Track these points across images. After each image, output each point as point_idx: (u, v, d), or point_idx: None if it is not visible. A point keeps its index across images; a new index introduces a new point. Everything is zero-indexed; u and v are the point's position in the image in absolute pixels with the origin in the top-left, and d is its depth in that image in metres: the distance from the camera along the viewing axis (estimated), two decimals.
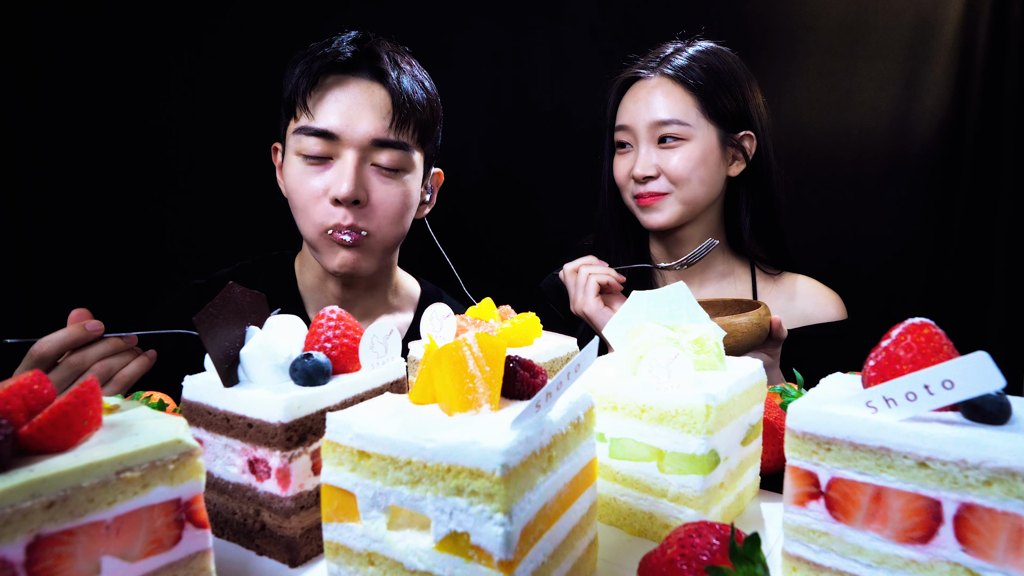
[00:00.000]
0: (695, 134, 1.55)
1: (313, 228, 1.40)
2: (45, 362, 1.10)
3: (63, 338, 1.10)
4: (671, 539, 0.61)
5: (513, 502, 0.56)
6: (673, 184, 1.56)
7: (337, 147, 1.36)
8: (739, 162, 1.62)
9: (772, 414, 0.98)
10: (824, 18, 2.00)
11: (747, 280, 1.71)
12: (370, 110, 1.36)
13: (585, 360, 0.62)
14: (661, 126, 1.55)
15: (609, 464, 0.85)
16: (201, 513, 0.65)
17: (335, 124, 1.34)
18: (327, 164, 1.37)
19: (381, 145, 1.37)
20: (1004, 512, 0.56)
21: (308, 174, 1.37)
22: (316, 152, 1.36)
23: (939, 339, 0.63)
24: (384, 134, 1.37)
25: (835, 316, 1.66)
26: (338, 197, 1.34)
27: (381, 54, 1.39)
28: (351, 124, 1.35)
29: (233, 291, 0.82)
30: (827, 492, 0.65)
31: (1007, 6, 1.85)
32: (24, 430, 0.56)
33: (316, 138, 1.35)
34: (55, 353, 1.10)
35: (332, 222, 1.37)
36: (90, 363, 1.13)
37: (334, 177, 1.36)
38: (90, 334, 1.12)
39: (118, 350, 1.15)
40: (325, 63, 1.35)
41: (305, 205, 1.39)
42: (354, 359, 0.85)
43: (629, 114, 1.61)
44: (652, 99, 1.57)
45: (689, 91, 1.55)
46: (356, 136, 1.35)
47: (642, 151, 1.58)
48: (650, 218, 1.61)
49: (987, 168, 1.92)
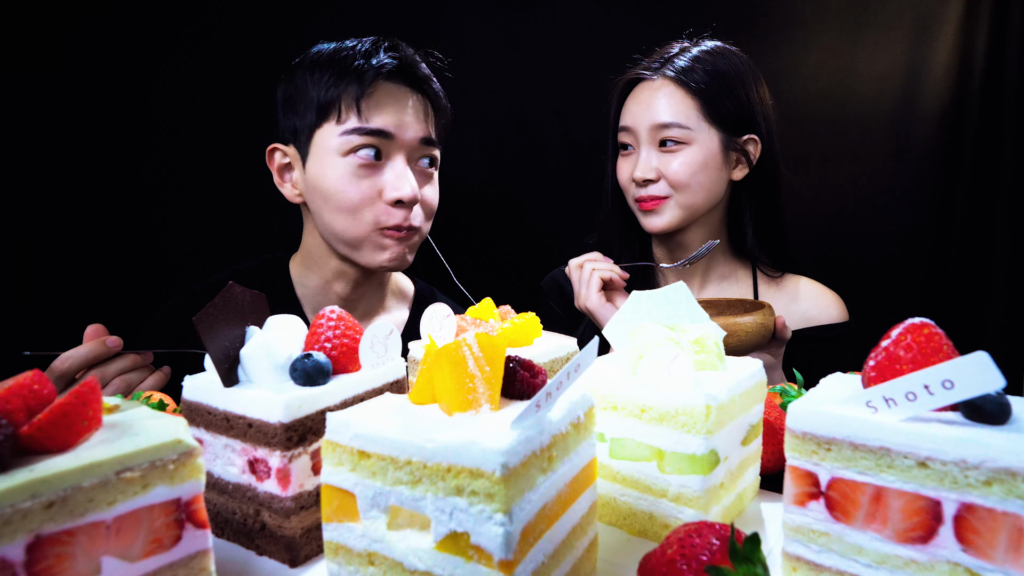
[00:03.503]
0: (696, 138, 1.53)
1: (364, 227, 1.42)
2: (66, 378, 1.12)
3: (85, 354, 1.12)
4: (671, 539, 0.61)
5: (513, 502, 0.56)
6: (673, 188, 1.55)
7: (389, 148, 1.40)
8: (742, 166, 1.60)
9: (772, 414, 0.98)
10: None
11: (748, 281, 1.71)
12: (414, 112, 1.43)
13: (585, 360, 0.62)
14: (662, 129, 1.54)
15: (609, 464, 0.85)
16: (201, 513, 0.65)
17: (389, 124, 1.39)
18: (377, 166, 1.40)
19: (426, 143, 1.45)
20: (1004, 512, 0.56)
21: (358, 175, 1.39)
22: (370, 153, 1.39)
23: (939, 339, 0.63)
24: (428, 133, 1.46)
25: (836, 318, 1.65)
26: (403, 199, 1.39)
27: (418, 60, 1.46)
28: (402, 126, 1.40)
29: (233, 291, 0.82)
30: (827, 492, 0.65)
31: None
32: (24, 430, 0.56)
33: (371, 137, 1.38)
34: (76, 369, 1.12)
35: (392, 222, 1.41)
36: (110, 378, 1.15)
37: (391, 178, 1.40)
38: (110, 350, 1.14)
39: (136, 366, 1.18)
40: (375, 69, 1.39)
41: (356, 206, 1.40)
42: (354, 359, 0.85)
43: (631, 116, 1.59)
44: (654, 101, 1.55)
45: (691, 94, 1.53)
46: (407, 137, 1.41)
47: (643, 154, 1.57)
48: (650, 222, 1.60)
49: (988, 168, 1.92)
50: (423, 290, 1.77)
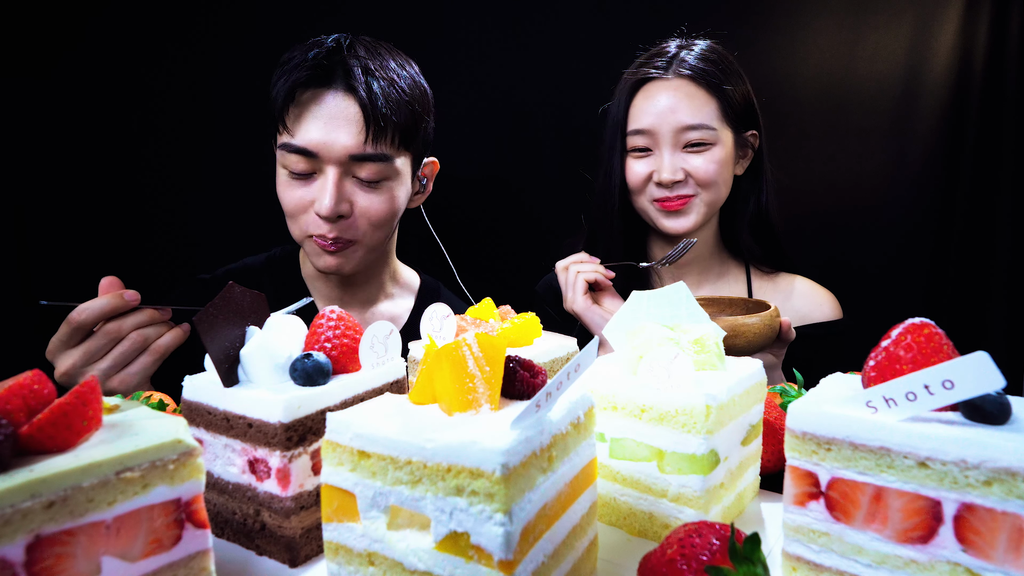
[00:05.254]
0: (719, 137, 1.54)
1: (300, 233, 1.46)
2: (83, 330, 1.12)
3: (102, 306, 1.11)
4: (671, 539, 0.61)
5: (513, 502, 0.56)
6: (701, 187, 1.55)
7: (317, 163, 1.38)
8: (744, 160, 1.63)
9: (772, 414, 0.98)
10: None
11: (742, 280, 1.72)
12: (346, 124, 1.35)
13: (585, 360, 0.62)
14: (687, 131, 1.52)
15: (609, 464, 0.85)
16: (201, 513, 0.65)
17: (314, 141, 1.34)
18: (311, 178, 1.41)
19: (360, 159, 1.37)
20: (1004, 512, 0.56)
21: (293, 186, 1.42)
22: (299, 169, 1.38)
23: (939, 339, 0.63)
24: (360, 149, 1.36)
25: (830, 316, 1.66)
26: (320, 214, 1.37)
27: (352, 65, 1.36)
28: (328, 141, 1.34)
29: (233, 291, 0.82)
30: (827, 492, 0.65)
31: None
32: (24, 430, 0.56)
33: (298, 155, 1.37)
34: (93, 321, 1.11)
35: (318, 232, 1.41)
36: (127, 331, 1.14)
37: (317, 192, 1.39)
38: (128, 303, 1.13)
39: (154, 321, 1.17)
40: (300, 77, 1.35)
41: (292, 213, 1.44)
42: (354, 359, 0.85)
43: (648, 117, 1.55)
44: (676, 103, 1.53)
45: (711, 93, 1.54)
46: (334, 153, 1.35)
47: (666, 155, 1.54)
48: (675, 223, 1.58)
49: (988, 168, 1.91)
50: (428, 282, 1.79)
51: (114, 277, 1.16)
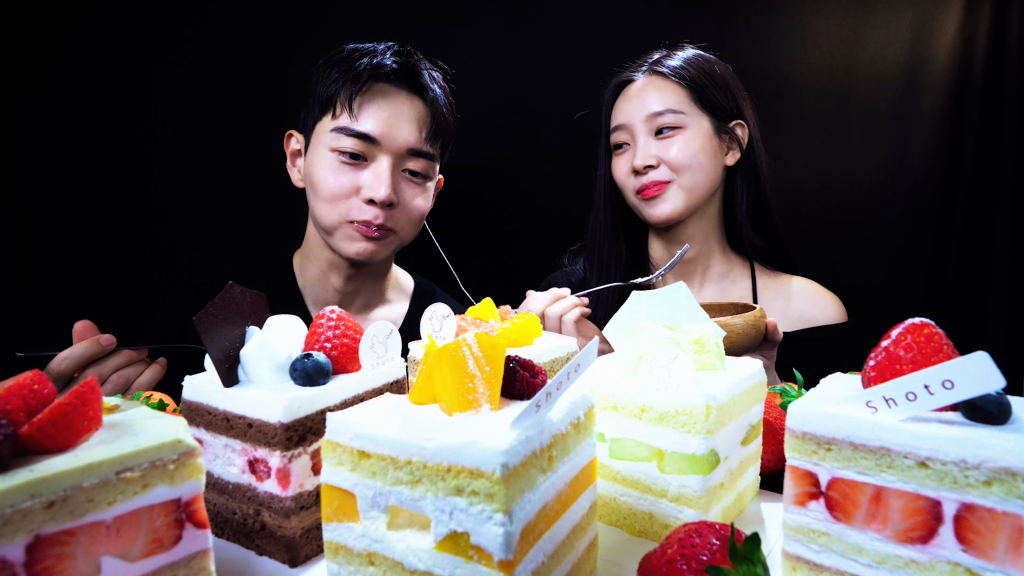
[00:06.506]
0: (690, 122, 1.59)
1: (337, 217, 1.48)
2: (63, 379, 1.13)
3: (80, 353, 1.13)
4: (671, 539, 0.61)
5: (513, 502, 0.56)
6: (674, 172, 1.59)
7: (374, 151, 1.45)
8: (734, 151, 1.65)
9: (772, 414, 0.98)
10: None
11: (747, 280, 1.71)
12: (409, 120, 1.47)
13: (585, 360, 0.62)
14: (656, 117, 1.59)
15: (609, 464, 0.85)
16: (201, 513, 0.65)
17: (376, 129, 1.44)
18: (362, 164, 1.46)
19: (415, 154, 1.49)
20: (1004, 512, 0.56)
21: (342, 170, 1.45)
22: (352, 149, 1.44)
23: (939, 339, 0.63)
24: (419, 144, 1.48)
25: (835, 318, 1.66)
26: (376, 199, 1.43)
27: (422, 69, 1.50)
28: (391, 131, 1.45)
29: (233, 291, 0.82)
30: (827, 492, 0.65)
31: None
32: (24, 430, 0.56)
33: (356, 139, 1.43)
34: (73, 369, 1.13)
35: (362, 218, 1.45)
36: (107, 375, 1.16)
37: (370, 178, 1.45)
38: (104, 348, 1.16)
39: (132, 361, 1.19)
40: (371, 70, 1.43)
41: (334, 197, 1.46)
42: (354, 359, 0.85)
43: (623, 113, 1.65)
44: (645, 95, 1.62)
45: (680, 84, 1.61)
46: (395, 144, 1.46)
47: (640, 143, 1.61)
48: (655, 211, 1.62)
49: (988, 168, 1.91)
50: (423, 284, 1.81)
51: (88, 321, 1.18)
